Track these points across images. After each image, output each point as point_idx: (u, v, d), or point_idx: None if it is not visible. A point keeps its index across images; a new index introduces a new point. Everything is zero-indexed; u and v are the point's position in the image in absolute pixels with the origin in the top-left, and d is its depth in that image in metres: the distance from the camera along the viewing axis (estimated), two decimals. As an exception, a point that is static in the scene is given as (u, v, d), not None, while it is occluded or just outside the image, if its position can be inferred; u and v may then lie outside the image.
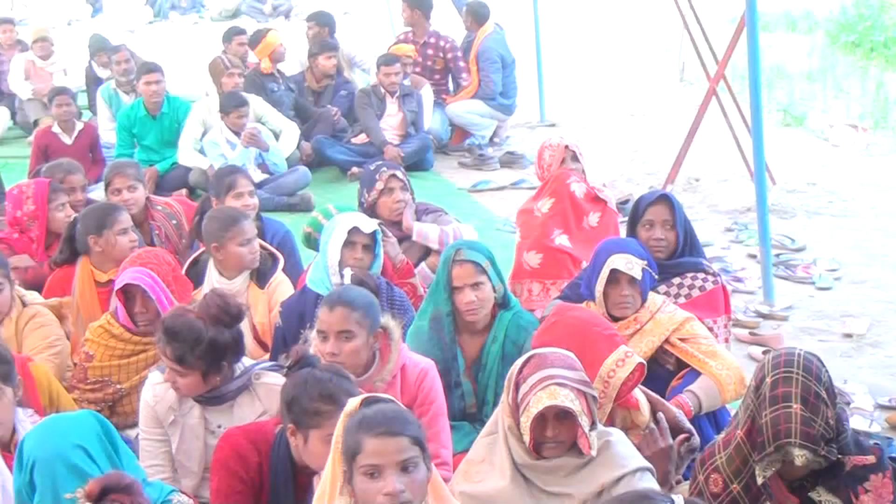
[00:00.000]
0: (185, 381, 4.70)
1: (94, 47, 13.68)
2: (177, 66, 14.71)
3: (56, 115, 10.85)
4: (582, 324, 4.67)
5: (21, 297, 5.86)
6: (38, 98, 13.19)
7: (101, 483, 3.19)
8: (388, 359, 4.78)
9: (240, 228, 6.15)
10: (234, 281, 6.20)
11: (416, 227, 7.04)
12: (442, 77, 12.47)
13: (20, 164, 11.26)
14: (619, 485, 3.97)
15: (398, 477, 3.35)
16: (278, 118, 10.78)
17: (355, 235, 5.71)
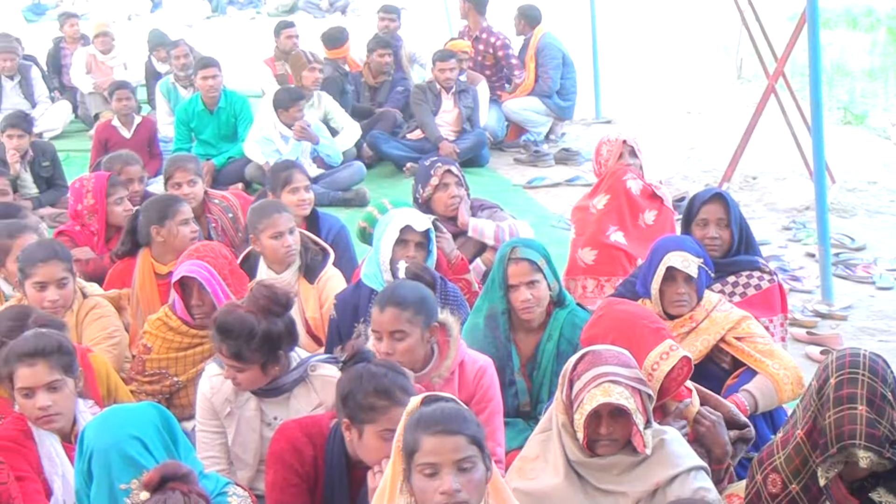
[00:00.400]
0: (244, 376, 4.72)
1: (153, 42, 13.83)
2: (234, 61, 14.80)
3: (116, 109, 10.96)
4: (628, 317, 4.65)
5: (81, 289, 5.91)
6: (98, 92, 13.34)
7: (160, 472, 3.22)
8: (447, 355, 4.78)
9: (272, 221, 6.17)
10: (283, 275, 6.22)
11: (471, 222, 7.03)
12: (492, 73, 12.45)
13: (82, 158, 11.39)
14: (674, 484, 3.95)
15: (455, 476, 3.34)
16: (344, 117, 10.85)
17: (408, 234, 5.71)
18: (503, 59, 12.42)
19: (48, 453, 4.42)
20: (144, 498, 3.20)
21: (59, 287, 5.59)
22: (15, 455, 4.29)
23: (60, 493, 4.37)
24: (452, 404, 3.48)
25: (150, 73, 13.70)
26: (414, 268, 5.19)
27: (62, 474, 4.42)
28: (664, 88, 15.20)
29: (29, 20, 24.22)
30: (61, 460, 4.44)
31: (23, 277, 5.62)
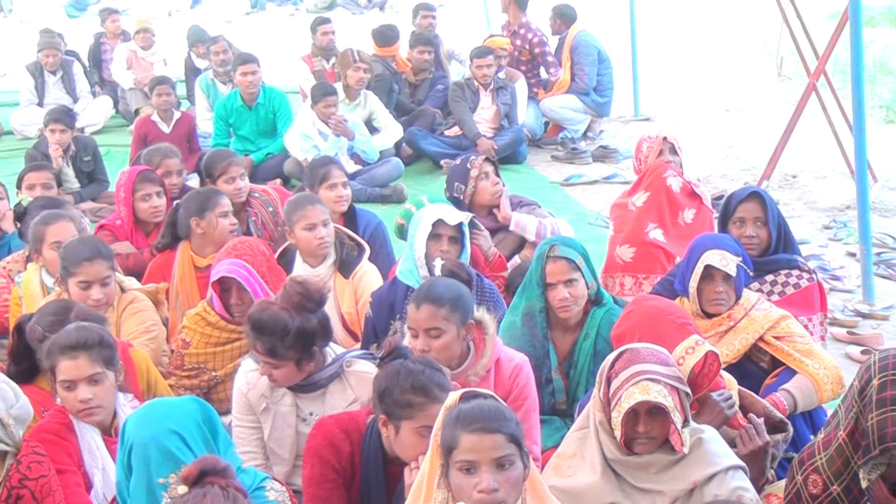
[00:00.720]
0: (280, 373, 4.73)
1: (193, 38, 13.90)
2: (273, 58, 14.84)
3: (156, 105, 11.05)
4: (655, 312, 4.66)
5: (120, 283, 5.95)
6: (139, 87, 13.45)
7: (199, 466, 3.23)
8: (483, 353, 4.78)
9: (305, 212, 6.19)
10: (318, 269, 6.24)
11: (514, 217, 7.03)
12: (528, 69, 12.43)
13: (122, 153, 11.50)
14: (712, 483, 3.93)
15: (493, 474, 3.34)
16: (387, 117, 10.85)
17: (441, 228, 5.70)
18: (539, 56, 12.40)
19: (89, 446, 4.45)
20: (183, 492, 3.21)
21: (103, 286, 5.64)
22: (56, 448, 4.32)
23: (100, 486, 4.40)
24: (491, 401, 3.47)
25: (189, 68, 13.77)
26: (450, 265, 5.19)
27: (102, 467, 4.45)
28: (703, 86, 15.14)
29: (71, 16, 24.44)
30: (101, 453, 4.47)
31: (66, 275, 5.66)
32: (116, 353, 4.57)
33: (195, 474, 3.21)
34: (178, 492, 3.23)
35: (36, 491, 4.03)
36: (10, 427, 4.01)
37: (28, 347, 4.90)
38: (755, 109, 13.66)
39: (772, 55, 15.65)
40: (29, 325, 4.91)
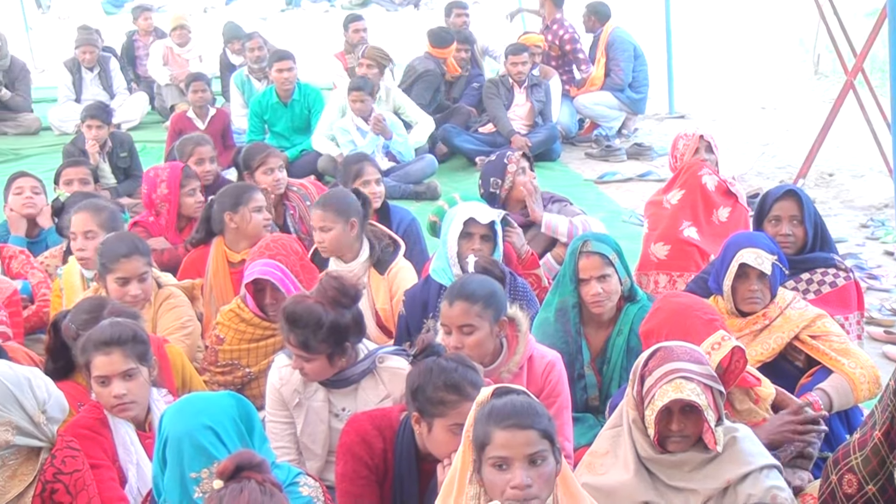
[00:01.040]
0: (311, 366, 4.74)
1: (228, 35, 13.95)
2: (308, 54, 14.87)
3: (192, 101, 11.10)
4: (682, 308, 4.64)
5: (156, 279, 5.98)
6: (174, 84, 13.53)
7: (235, 461, 3.24)
8: (516, 350, 4.77)
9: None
10: (352, 265, 6.24)
11: (545, 218, 7.01)
12: (559, 66, 12.41)
13: (158, 149, 11.57)
14: (746, 481, 3.92)
15: (526, 470, 3.34)
16: (415, 110, 10.86)
17: (472, 226, 5.70)
18: (570, 53, 12.39)
19: (123, 441, 4.47)
20: (217, 486, 3.22)
21: (140, 282, 5.67)
22: (91, 443, 4.35)
23: (134, 481, 4.42)
24: (524, 397, 3.47)
25: (224, 65, 13.83)
26: (483, 262, 5.18)
27: (136, 462, 4.47)
28: (738, 83, 15.07)
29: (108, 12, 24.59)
30: (136, 448, 4.49)
31: (104, 272, 5.69)
32: (150, 348, 4.59)
33: (231, 469, 3.22)
34: (213, 486, 3.24)
35: (70, 485, 4.06)
36: (42, 425, 4.04)
37: (64, 344, 4.94)
38: (791, 107, 13.58)
39: (808, 52, 15.54)
40: (64, 324, 4.95)
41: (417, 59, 11.99)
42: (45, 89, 14.82)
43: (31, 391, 4.03)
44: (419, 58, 12.00)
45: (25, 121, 13.69)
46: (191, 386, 5.21)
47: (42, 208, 7.58)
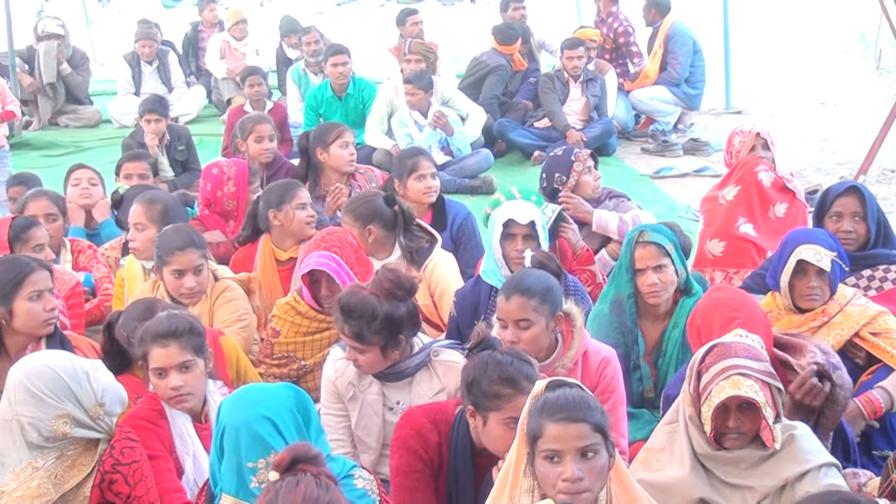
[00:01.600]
0: (365, 358, 4.75)
1: (285, 28, 14.02)
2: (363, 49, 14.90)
3: (248, 95, 11.17)
4: (712, 302, 4.72)
5: (213, 272, 6.01)
6: (231, 77, 13.59)
7: (291, 453, 3.25)
8: (571, 345, 4.77)
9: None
10: (390, 261, 6.24)
11: (595, 215, 7.02)
12: (613, 59, 12.36)
13: (215, 142, 11.61)
14: (804, 480, 3.88)
15: (578, 463, 3.33)
16: (466, 102, 10.86)
17: (512, 227, 5.65)
18: (623, 46, 12.34)
19: (180, 432, 4.51)
20: (273, 478, 3.23)
21: (196, 274, 5.72)
22: (148, 434, 4.39)
23: (191, 472, 4.46)
24: (577, 390, 3.46)
25: (281, 59, 13.89)
26: (540, 256, 5.16)
27: (193, 453, 4.51)
28: (797, 78, 14.93)
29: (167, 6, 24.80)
30: (192, 440, 4.53)
31: (160, 264, 5.75)
32: (206, 340, 4.63)
33: (287, 461, 3.23)
34: (269, 478, 3.26)
35: (128, 476, 4.10)
36: (100, 418, 4.08)
37: (118, 345, 5.00)
38: (852, 103, 13.44)
39: (870, 47, 15.37)
40: (117, 327, 5.00)
41: (485, 54, 11.98)
42: (105, 82, 14.98)
43: (89, 384, 4.07)
44: (486, 52, 12.00)
45: (86, 113, 13.84)
46: (245, 378, 5.24)
47: (98, 200, 7.65)
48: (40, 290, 4.88)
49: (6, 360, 4.72)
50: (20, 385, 4.01)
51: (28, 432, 3.99)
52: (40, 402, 3.98)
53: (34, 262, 4.96)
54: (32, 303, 4.85)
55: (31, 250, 5.98)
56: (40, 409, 3.98)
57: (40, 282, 4.89)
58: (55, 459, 4.04)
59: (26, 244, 6.04)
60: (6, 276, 4.86)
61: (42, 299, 4.89)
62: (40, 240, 6.13)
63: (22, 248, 6.00)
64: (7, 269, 4.89)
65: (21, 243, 6.03)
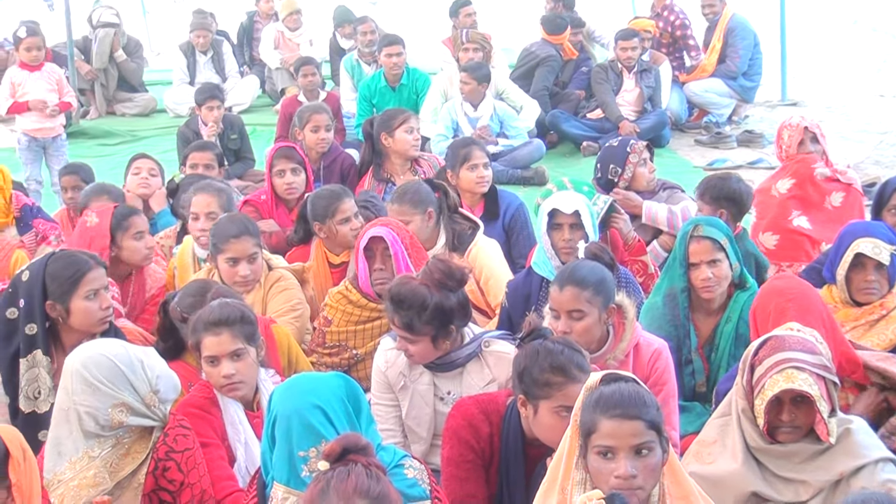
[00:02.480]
0: (416, 348, 4.77)
1: (339, 19, 14.03)
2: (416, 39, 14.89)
3: (302, 85, 11.19)
4: (769, 291, 4.78)
5: (267, 261, 6.05)
6: (285, 67, 13.63)
7: (342, 444, 3.25)
8: (622, 337, 4.76)
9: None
10: (434, 250, 6.26)
11: (644, 207, 7.02)
12: (669, 52, 12.29)
13: (268, 132, 11.67)
14: (860, 475, 3.85)
15: (631, 461, 3.31)
16: (519, 94, 10.85)
17: (558, 217, 5.63)
18: (680, 40, 12.28)
19: (232, 420, 4.53)
20: (323, 468, 3.24)
21: (250, 262, 5.75)
22: (201, 422, 4.42)
23: (243, 460, 4.48)
24: (633, 385, 3.43)
25: (334, 49, 13.91)
26: (593, 248, 5.15)
27: (245, 441, 4.53)
28: (855, 69, 14.75)
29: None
30: (244, 428, 4.54)
31: (215, 252, 5.79)
32: (257, 329, 4.65)
33: (338, 451, 3.23)
34: (319, 467, 3.26)
35: (181, 463, 4.12)
36: (154, 406, 4.11)
37: (172, 325, 5.05)
38: (912, 95, 13.29)
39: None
40: (171, 306, 5.05)
41: (535, 45, 11.95)
42: (160, 72, 15.09)
43: (144, 372, 4.10)
44: (536, 43, 11.97)
45: (141, 101, 13.99)
46: (297, 367, 5.27)
47: (156, 190, 7.70)
48: (96, 288, 4.89)
49: (62, 355, 4.75)
50: (77, 374, 4.04)
51: (85, 421, 4.03)
52: (97, 391, 4.01)
53: (91, 261, 4.98)
54: (89, 301, 4.87)
55: (132, 238, 6.07)
56: (97, 398, 4.01)
57: (96, 280, 4.91)
58: (111, 448, 4.08)
59: (127, 231, 6.07)
60: (64, 274, 4.88)
61: (98, 298, 4.91)
62: (140, 227, 6.15)
63: (123, 236, 6.05)
64: (65, 268, 4.90)
65: (122, 231, 6.06)
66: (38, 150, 9.99)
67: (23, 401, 4.79)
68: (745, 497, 3.95)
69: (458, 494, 4.23)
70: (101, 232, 6.04)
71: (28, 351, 4.82)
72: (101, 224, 6.07)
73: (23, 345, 4.82)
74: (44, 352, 4.83)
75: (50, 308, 4.85)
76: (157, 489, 4.11)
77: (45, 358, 4.84)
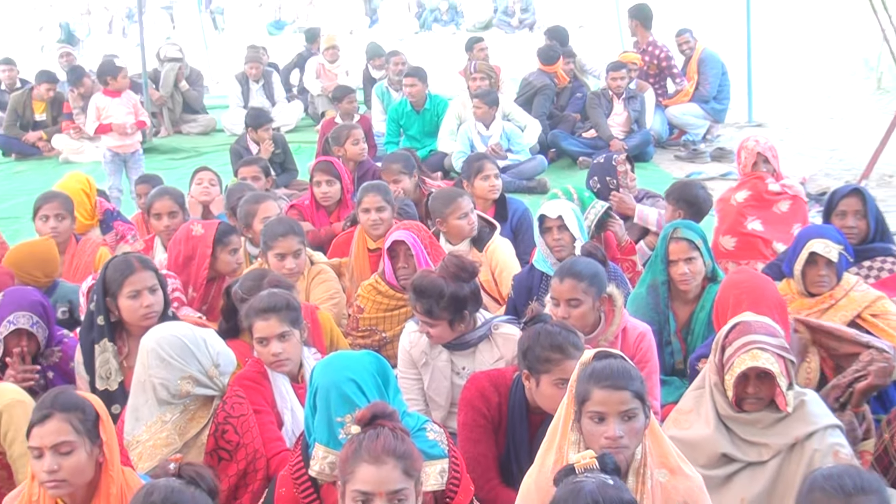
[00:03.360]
0: (435, 331, 4.80)
1: (371, 53, 14.05)
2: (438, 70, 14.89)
3: (342, 109, 11.18)
4: (727, 284, 4.79)
5: (310, 257, 6.10)
6: (325, 94, 13.65)
7: (371, 410, 3.28)
8: (612, 322, 4.77)
9: (459, 203, 6.30)
10: (459, 247, 6.32)
11: (637, 209, 7.02)
12: (656, 81, 12.26)
13: (310, 148, 11.68)
14: (812, 439, 3.86)
15: (619, 425, 3.33)
16: (523, 115, 10.84)
17: (546, 221, 5.66)
18: (666, 69, 12.24)
19: (280, 391, 4.56)
20: (356, 431, 3.26)
21: (295, 257, 5.77)
22: (254, 392, 4.45)
23: (290, 425, 4.50)
24: (620, 361, 3.45)
25: (366, 78, 13.93)
26: (589, 247, 5.19)
27: (291, 409, 4.55)
28: (810, 96, 14.71)
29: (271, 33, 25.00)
30: (290, 397, 4.57)
31: (266, 249, 5.82)
32: (301, 314, 4.67)
33: (368, 416, 3.26)
34: (352, 431, 3.28)
35: (238, 426, 4.15)
36: (215, 378, 4.14)
37: (233, 306, 5.07)
38: (857, 118, 13.21)
39: (872, 70, 15.10)
40: (233, 290, 5.08)
41: (532, 75, 11.90)
42: (219, 97, 15.12)
43: (207, 349, 4.14)
44: (533, 73, 11.93)
45: (203, 121, 14.05)
46: (337, 346, 5.30)
47: (215, 197, 7.74)
48: (139, 289, 4.83)
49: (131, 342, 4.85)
50: (152, 351, 4.07)
51: (159, 391, 4.06)
52: (169, 365, 4.05)
53: (137, 264, 4.92)
54: (132, 300, 4.82)
55: (228, 252, 6.04)
56: (169, 371, 4.05)
57: (139, 282, 4.84)
58: (179, 413, 4.11)
59: (226, 247, 6.04)
60: (113, 275, 4.86)
61: (140, 297, 4.83)
62: (236, 245, 6.11)
63: (222, 250, 6.02)
64: (115, 270, 4.87)
65: (222, 245, 6.04)
66: (119, 164, 10.05)
67: (98, 380, 4.81)
68: (716, 457, 3.95)
69: (471, 454, 4.25)
70: (205, 242, 6.01)
71: (99, 338, 4.84)
72: (206, 235, 6.04)
73: (96, 333, 4.84)
74: (109, 339, 4.83)
75: (109, 304, 4.86)
76: (217, 448, 4.13)
77: (111, 345, 4.84)
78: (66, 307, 5.69)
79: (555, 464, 3.37)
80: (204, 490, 3.14)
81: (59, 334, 5.09)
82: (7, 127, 13.02)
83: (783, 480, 3.87)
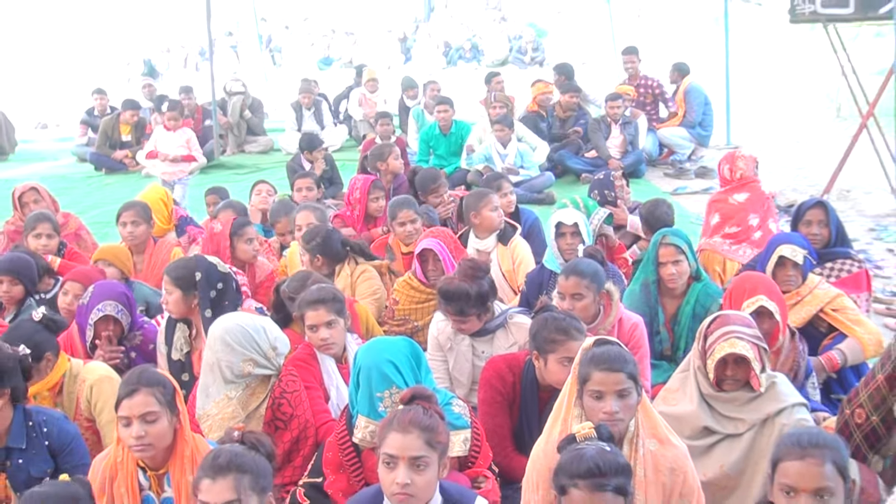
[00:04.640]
0: (466, 325, 4.83)
1: (405, 85, 14.06)
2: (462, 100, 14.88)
3: (379, 132, 11.19)
4: (738, 281, 4.71)
5: (355, 259, 6.07)
6: (366, 120, 13.67)
7: (412, 391, 3.33)
8: (609, 314, 4.75)
9: (490, 198, 6.34)
10: (487, 241, 6.31)
11: (630, 219, 7.02)
12: (651, 108, 12.22)
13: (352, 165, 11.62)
14: (781, 415, 3.84)
15: (615, 401, 3.32)
16: (534, 137, 10.81)
17: (562, 227, 5.63)
18: (660, 97, 12.25)
19: (327, 370, 4.57)
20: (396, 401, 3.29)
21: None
22: (305, 371, 4.46)
23: (335, 399, 4.51)
24: (617, 347, 3.44)
25: (401, 106, 13.93)
26: (590, 250, 5.16)
27: (336, 386, 4.55)
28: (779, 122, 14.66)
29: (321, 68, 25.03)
30: (336, 376, 4.58)
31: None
32: (345, 306, 4.67)
33: (409, 396, 3.31)
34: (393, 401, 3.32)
35: (291, 400, 4.17)
36: (272, 360, 4.15)
37: (282, 301, 5.10)
38: (819, 141, 13.13)
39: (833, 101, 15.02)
40: (282, 288, 5.11)
41: None
42: (276, 122, 15.15)
43: (265, 334, 4.14)
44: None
45: (262, 142, 14.07)
46: (372, 333, 5.30)
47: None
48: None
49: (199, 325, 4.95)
50: (219, 338, 4.09)
51: (224, 372, 4.08)
52: (233, 350, 4.06)
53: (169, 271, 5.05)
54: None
55: (244, 242, 6.14)
56: (233, 355, 4.06)
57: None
58: (242, 390, 4.12)
59: (241, 237, 6.15)
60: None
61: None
62: (250, 234, 6.22)
63: (238, 240, 6.13)
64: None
65: (238, 237, 6.15)
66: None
67: (174, 351, 4.92)
68: (698, 430, 3.93)
69: (490, 425, 4.25)
70: (223, 236, 6.13)
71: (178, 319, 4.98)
72: (223, 231, 6.18)
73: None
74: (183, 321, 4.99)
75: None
76: (274, 419, 4.15)
77: (183, 325, 4.97)
78: (144, 307, 5.74)
79: (560, 434, 3.35)
80: (263, 454, 3.17)
81: (140, 321, 5.13)
82: (99, 146, 13.09)
83: (756, 450, 3.85)
